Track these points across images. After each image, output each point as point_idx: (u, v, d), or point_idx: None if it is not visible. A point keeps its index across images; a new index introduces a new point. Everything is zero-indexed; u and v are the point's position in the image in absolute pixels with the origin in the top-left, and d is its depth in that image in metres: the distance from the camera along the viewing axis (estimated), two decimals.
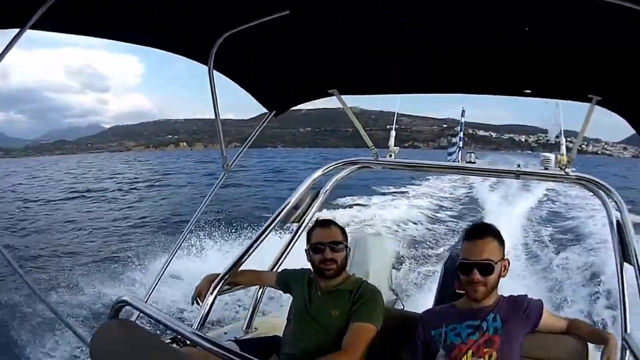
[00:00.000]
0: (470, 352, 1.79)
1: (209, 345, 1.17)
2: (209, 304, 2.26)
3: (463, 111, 2.83)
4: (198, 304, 2.29)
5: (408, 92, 2.49)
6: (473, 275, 1.81)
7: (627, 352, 1.87)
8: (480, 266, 1.80)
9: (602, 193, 2.26)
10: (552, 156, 2.33)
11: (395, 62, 2.16)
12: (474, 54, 1.94)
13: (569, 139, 2.37)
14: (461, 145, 2.57)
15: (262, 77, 2.42)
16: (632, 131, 2.25)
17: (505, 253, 1.89)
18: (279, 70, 2.34)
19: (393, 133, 2.61)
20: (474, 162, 2.46)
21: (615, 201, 2.20)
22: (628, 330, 1.96)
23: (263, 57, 2.18)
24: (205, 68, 2.11)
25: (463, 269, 1.84)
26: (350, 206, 13.55)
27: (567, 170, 2.27)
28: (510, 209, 13.66)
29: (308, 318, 2.05)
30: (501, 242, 1.88)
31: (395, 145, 2.57)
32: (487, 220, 10.75)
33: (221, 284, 2.31)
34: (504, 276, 1.89)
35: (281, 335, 2.32)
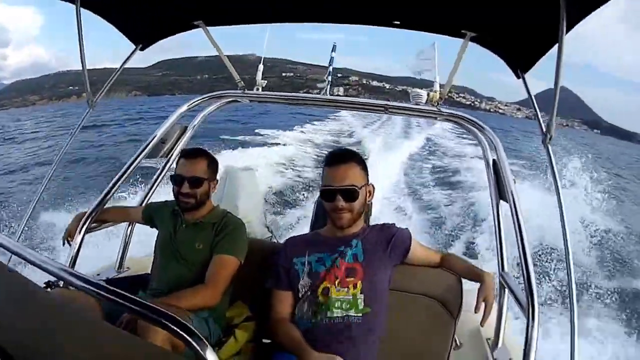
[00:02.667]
0: (337, 281, 1.73)
1: (77, 282, 1.01)
2: (78, 243, 2.16)
3: (334, 46, 2.84)
4: (69, 243, 2.19)
5: (275, 21, 2.40)
6: (337, 201, 1.74)
7: (506, 290, 1.84)
8: (344, 192, 1.73)
9: (476, 131, 2.22)
10: (423, 92, 2.30)
11: None
12: None
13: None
14: (330, 79, 2.60)
15: (127, 9, 2.24)
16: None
17: (370, 179, 1.83)
18: (142, 1, 2.18)
19: (261, 67, 2.61)
20: (342, 96, 2.51)
21: (490, 138, 2.15)
22: (505, 269, 1.95)
23: None
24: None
25: (326, 196, 1.77)
26: (228, 146, 13.43)
27: (439, 107, 2.26)
28: (392, 152, 14.49)
29: (172, 251, 1.98)
30: (364, 166, 1.82)
31: (268, 84, 2.57)
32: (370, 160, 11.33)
33: (88, 222, 2.21)
34: (369, 202, 1.85)
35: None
